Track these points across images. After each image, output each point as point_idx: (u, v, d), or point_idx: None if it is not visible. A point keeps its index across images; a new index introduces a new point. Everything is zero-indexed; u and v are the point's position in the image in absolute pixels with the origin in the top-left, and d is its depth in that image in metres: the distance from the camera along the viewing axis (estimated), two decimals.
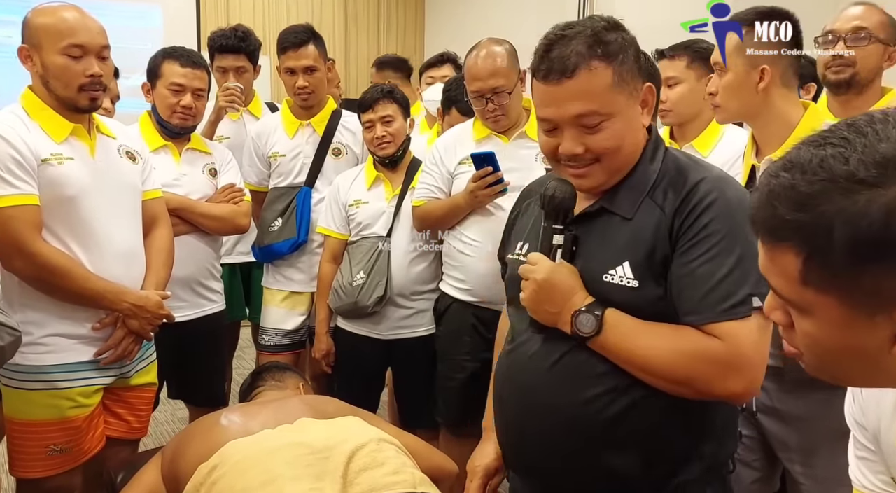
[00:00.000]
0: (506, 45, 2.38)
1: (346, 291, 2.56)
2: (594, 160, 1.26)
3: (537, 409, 1.31)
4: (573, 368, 1.27)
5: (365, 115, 2.59)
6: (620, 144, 1.26)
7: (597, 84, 1.22)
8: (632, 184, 1.30)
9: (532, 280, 1.28)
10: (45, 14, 1.91)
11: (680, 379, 1.22)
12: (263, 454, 1.46)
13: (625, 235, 1.27)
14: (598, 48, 1.21)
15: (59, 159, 1.88)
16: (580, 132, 1.24)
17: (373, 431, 1.59)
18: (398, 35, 7.10)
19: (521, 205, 1.53)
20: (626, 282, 1.24)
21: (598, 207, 1.30)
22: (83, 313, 1.96)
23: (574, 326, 1.24)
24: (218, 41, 3.01)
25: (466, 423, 2.56)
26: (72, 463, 1.97)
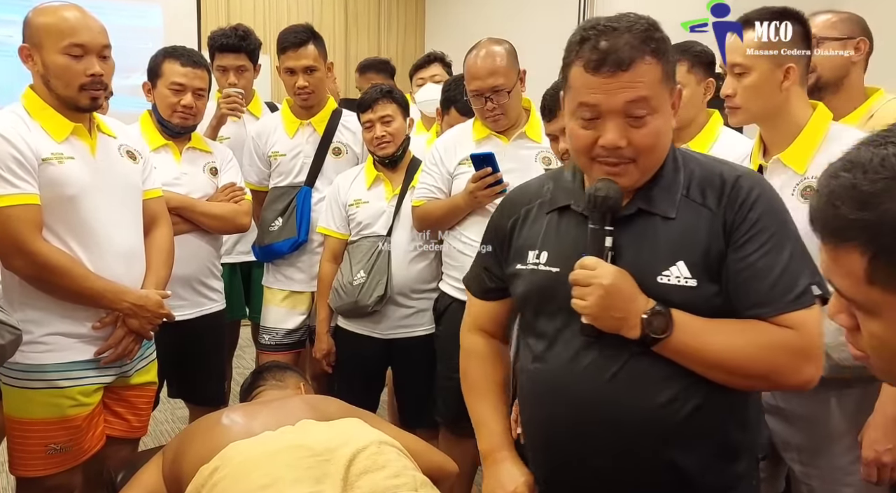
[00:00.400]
0: (505, 44, 2.38)
1: (346, 290, 2.56)
2: (631, 159, 1.24)
3: (602, 421, 1.27)
4: (638, 375, 1.25)
5: (364, 115, 2.59)
6: (658, 142, 1.25)
7: (651, 77, 1.21)
8: (664, 184, 1.29)
9: (598, 286, 1.22)
10: (46, 14, 1.91)
11: (759, 373, 1.22)
12: (264, 457, 1.47)
13: (671, 234, 1.25)
14: (650, 44, 1.21)
15: (59, 159, 1.89)
16: (625, 124, 1.22)
17: (374, 433, 1.59)
18: (398, 35, 7.10)
19: (517, 211, 1.46)
20: (684, 281, 1.23)
21: (636, 209, 1.28)
22: (83, 312, 1.96)
23: (645, 329, 1.21)
24: (218, 40, 3.01)
25: (466, 422, 2.57)
26: (72, 462, 1.97)
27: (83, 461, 2.00)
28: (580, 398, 1.28)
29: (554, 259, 1.33)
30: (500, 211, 1.52)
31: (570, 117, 1.28)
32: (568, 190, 1.38)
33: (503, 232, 1.47)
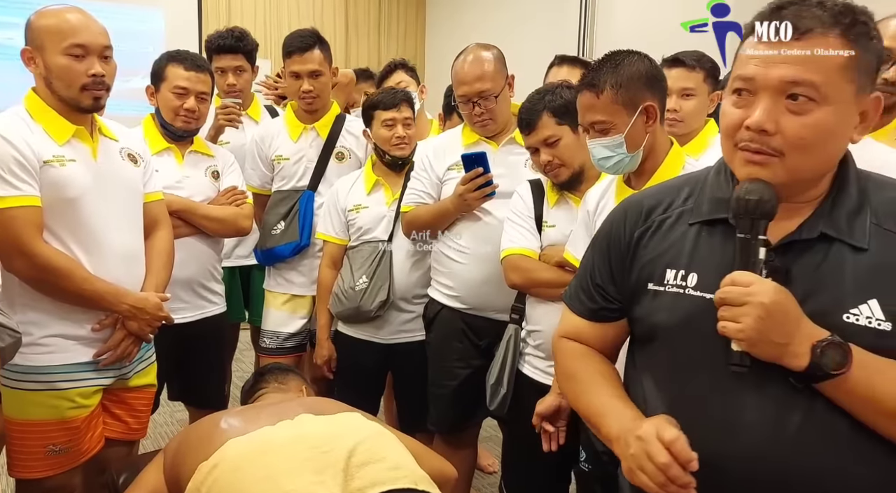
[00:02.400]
0: (493, 50, 2.39)
1: (347, 296, 2.56)
2: (777, 152, 1.05)
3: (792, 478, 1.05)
4: (822, 425, 1.04)
5: (388, 112, 2.59)
6: (821, 141, 1.04)
7: (827, 55, 1.01)
8: (849, 206, 1.09)
9: (756, 304, 1.02)
10: (47, 16, 1.92)
11: None
12: (263, 450, 1.46)
13: (862, 267, 1.05)
14: (845, 19, 1.02)
15: (61, 161, 1.89)
16: (780, 107, 1.03)
17: (372, 425, 1.59)
18: (398, 40, 7.12)
19: (647, 220, 1.25)
20: (876, 324, 1.03)
21: (818, 234, 1.08)
22: (83, 314, 1.96)
23: (816, 360, 1.01)
24: (215, 42, 3.03)
25: (460, 431, 2.57)
26: (71, 463, 1.97)
27: (82, 463, 2.00)
28: (743, 454, 1.07)
29: (706, 283, 1.12)
30: (621, 217, 1.29)
31: (727, 95, 1.11)
32: (719, 200, 1.17)
33: (625, 242, 1.26)
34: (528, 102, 2.10)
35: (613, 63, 1.73)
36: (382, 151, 2.63)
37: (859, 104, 1.06)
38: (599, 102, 1.72)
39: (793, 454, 1.05)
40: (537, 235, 2.16)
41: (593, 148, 1.76)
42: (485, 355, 2.36)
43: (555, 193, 2.16)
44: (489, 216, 2.37)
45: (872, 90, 1.07)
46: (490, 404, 2.25)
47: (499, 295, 2.31)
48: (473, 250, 2.38)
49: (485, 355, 2.36)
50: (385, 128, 2.60)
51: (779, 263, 1.08)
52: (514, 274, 2.15)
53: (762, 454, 1.06)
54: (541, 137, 2.07)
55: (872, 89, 1.07)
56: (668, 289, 1.17)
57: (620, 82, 1.70)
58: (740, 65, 1.08)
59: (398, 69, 3.49)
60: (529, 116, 2.08)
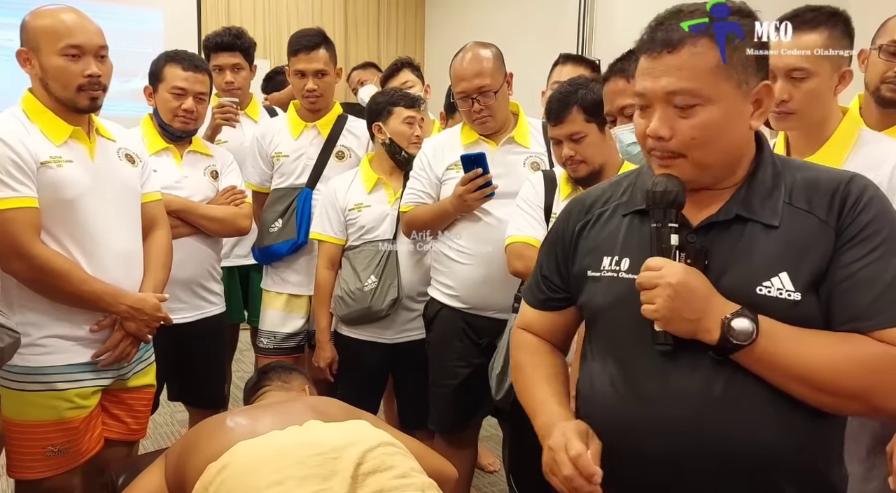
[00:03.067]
0: (492, 48, 2.39)
1: (355, 297, 2.54)
2: (678, 154, 1.15)
3: (700, 453, 1.13)
4: (741, 397, 1.12)
5: (409, 110, 2.61)
6: (713, 137, 1.13)
7: (699, 63, 1.11)
8: (763, 191, 1.17)
9: (665, 285, 1.11)
10: (42, 16, 1.92)
11: (853, 391, 1.07)
12: (273, 455, 1.46)
13: (774, 244, 1.13)
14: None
15: (58, 162, 1.89)
16: (671, 114, 1.14)
17: (381, 434, 1.58)
18: (398, 40, 7.12)
19: (588, 214, 1.35)
20: (787, 295, 1.11)
21: (733, 215, 1.17)
22: (81, 315, 1.96)
23: (725, 332, 1.09)
24: (213, 40, 3.05)
25: (461, 429, 2.56)
26: (70, 464, 1.97)
27: (81, 463, 2.00)
28: (672, 427, 1.14)
29: (636, 267, 1.19)
30: (565, 214, 1.40)
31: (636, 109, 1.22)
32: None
33: (568, 236, 1.36)
34: (560, 94, 2.08)
35: None
36: (398, 148, 2.62)
37: (747, 95, 1.14)
38: (630, 87, 1.71)
39: (716, 423, 1.12)
40: (544, 225, 2.16)
41: (622, 134, 1.76)
42: (485, 353, 2.36)
43: (568, 185, 2.16)
44: (489, 216, 2.37)
45: (763, 78, 1.16)
46: (496, 395, 2.25)
47: (499, 294, 2.32)
48: (473, 250, 2.38)
49: (485, 353, 2.36)
50: (406, 125, 2.61)
51: (699, 244, 1.17)
52: (517, 261, 2.16)
53: (690, 426, 1.13)
54: (567, 131, 2.05)
55: (762, 78, 1.16)
56: (604, 274, 1.27)
57: None
58: (636, 81, 1.19)
59: (405, 68, 3.50)
60: (559, 109, 2.06)
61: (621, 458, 1.19)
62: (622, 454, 1.19)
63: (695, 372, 1.14)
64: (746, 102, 1.14)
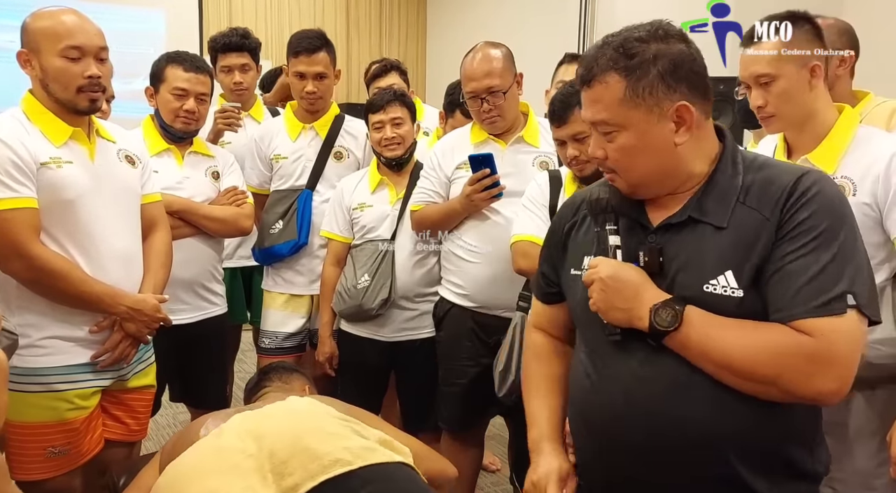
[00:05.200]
0: (502, 47, 2.40)
1: (350, 293, 2.56)
2: (612, 170, 1.28)
3: (661, 434, 1.22)
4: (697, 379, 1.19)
5: (375, 115, 2.60)
6: (632, 158, 1.24)
7: (608, 96, 1.22)
8: (718, 192, 1.24)
9: (598, 279, 1.24)
10: (42, 18, 1.92)
11: (765, 377, 1.14)
12: (190, 470, 1.47)
13: (722, 243, 1.21)
14: (620, 61, 1.21)
15: (58, 163, 1.89)
16: (600, 138, 1.27)
17: (304, 408, 1.57)
18: (400, 40, 7.12)
19: (575, 215, 1.44)
20: (730, 292, 1.18)
21: (686, 217, 1.25)
22: (80, 316, 1.96)
23: (652, 320, 1.19)
24: (221, 41, 3.04)
25: (468, 429, 2.58)
26: (70, 465, 1.97)
27: (82, 465, 2.00)
28: (637, 411, 1.24)
29: None
30: (559, 215, 1.52)
31: None
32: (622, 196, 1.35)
33: (559, 236, 1.46)
34: (562, 95, 2.09)
35: None
36: (377, 153, 2.65)
37: (663, 116, 1.21)
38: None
39: (669, 406, 1.21)
40: (549, 224, 2.16)
41: None
42: (493, 352, 2.36)
43: (574, 184, 2.17)
44: (498, 215, 2.38)
45: (682, 96, 1.21)
46: (499, 392, 2.26)
47: (507, 293, 2.33)
48: (482, 249, 2.40)
49: (493, 352, 2.36)
50: (374, 131, 2.61)
51: (656, 243, 1.26)
52: (522, 260, 2.17)
53: (645, 410, 1.23)
54: (571, 131, 2.06)
55: (679, 98, 1.21)
56: (583, 272, 1.34)
57: None
58: None
59: (393, 71, 3.49)
60: (562, 109, 2.07)
61: (591, 443, 1.34)
62: (591, 439, 1.33)
63: (648, 360, 1.23)
64: (664, 122, 1.22)
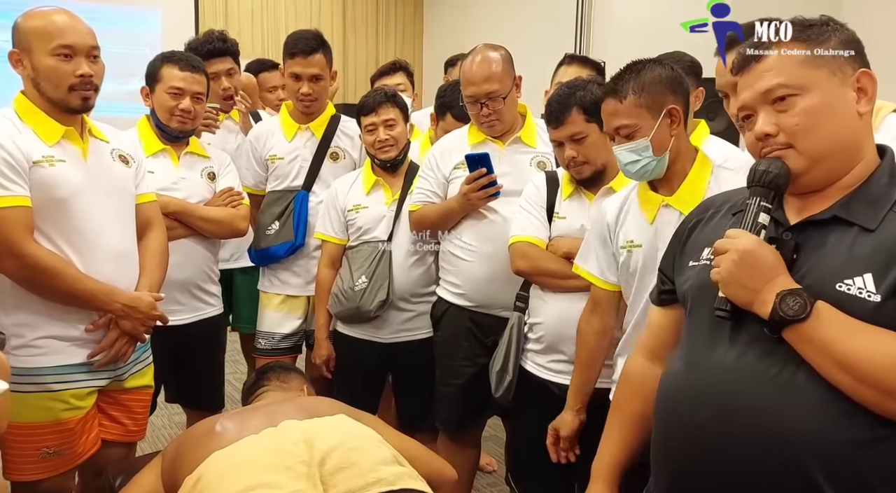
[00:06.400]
0: (501, 50, 2.39)
1: (347, 296, 2.55)
2: (788, 145, 1.17)
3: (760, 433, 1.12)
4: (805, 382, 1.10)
5: (367, 118, 2.58)
6: (816, 122, 1.15)
7: (786, 60, 1.17)
8: (871, 195, 1.16)
9: (733, 250, 1.16)
10: (34, 18, 1.92)
11: (893, 388, 1.05)
12: (243, 462, 1.47)
13: (867, 246, 1.12)
14: (795, 30, 1.18)
15: (50, 161, 1.89)
16: (772, 112, 1.18)
17: (349, 427, 1.58)
18: (397, 40, 7.13)
19: (703, 212, 1.40)
20: (867, 295, 1.08)
21: (831, 216, 1.17)
22: (76, 315, 1.96)
23: (777, 306, 1.10)
24: (204, 47, 2.95)
25: (466, 429, 2.57)
26: (65, 466, 1.96)
27: (77, 465, 1.99)
28: (727, 404, 1.16)
29: None
30: (689, 213, 1.45)
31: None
32: None
33: (682, 232, 1.41)
34: (559, 96, 2.09)
35: (635, 70, 1.77)
36: (371, 155, 2.64)
37: (844, 82, 1.16)
38: (623, 107, 1.75)
39: (768, 403, 1.12)
40: (547, 224, 2.18)
41: (619, 153, 1.77)
42: (490, 352, 2.36)
43: (570, 185, 2.17)
44: (495, 215, 2.39)
45: (860, 65, 1.18)
46: (495, 392, 2.26)
47: (505, 292, 2.33)
48: (480, 249, 2.40)
49: (490, 352, 2.36)
50: (367, 133, 2.60)
51: (792, 238, 1.18)
52: (520, 261, 2.17)
53: (741, 401, 1.14)
54: (568, 132, 2.06)
55: (859, 67, 1.17)
56: (700, 262, 1.30)
57: (643, 86, 1.74)
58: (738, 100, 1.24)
59: (400, 71, 3.47)
60: (559, 111, 2.06)
61: (672, 427, 1.26)
62: (673, 423, 1.25)
63: (753, 351, 1.16)
64: (846, 89, 1.16)
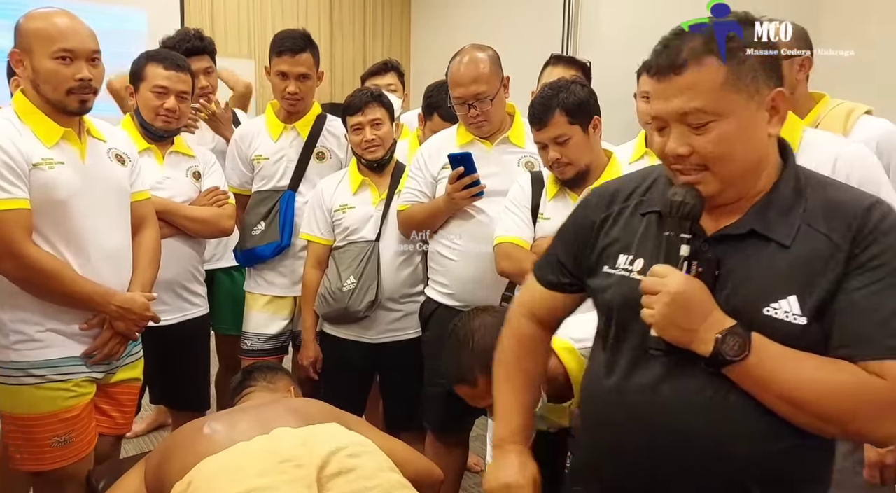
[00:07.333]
0: (489, 51, 2.39)
1: (335, 296, 2.54)
2: (702, 167, 1.15)
3: (687, 453, 1.17)
4: (731, 403, 1.14)
5: (353, 118, 2.57)
6: (731, 150, 1.13)
7: (705, 80, 1.11)
8: (782, 207, 1.17)
9: (664, 293, 1.13)
10: (36, 19, 1.92)
11: (834, 416, 1.09)
12: (236, 467, 1.47)
13: (785, 264, 1.13)
14: (714, 44, 1.11)
15: (49, 164, 1.90)
16: (686, 131, 1.14)
17: (347, 436, 1.59)
18: (384, 40, 7.12)
19: (608, 207, 1.35)
20: (793, 318, 1.11)
21: (748, 230, 1.17)
22: (71, 313, 1.98)
23: (718, 347, 1.11)
24: (181, 46, 2.90)
25: (453, 430, 2.57)
26: (76, 455, 1.99)
27: (88, 454, 2.02)
28: (664, 426, 1.18)
29: (648, 269, 1.21)
30: (586, 203, 1.41)
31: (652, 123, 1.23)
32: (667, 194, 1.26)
33: (588, 225, 1.36)
34: (542, 98, 2.10)
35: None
36: (357, 155, 2.63)
37: (760, 104, 1.13)
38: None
39: (700, 425, 1.16)
40: (531, 225, 2.19)
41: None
42: None
43: (555, 186, 2.19)
44: (483, 215, 2.39)
45: (777, 84, 1.15)
46: None
47: (492, 292, 2.34)
48: (467, 248, 2.40)
49: None
50: (353, 133, 2.59)
51: (712, 254, 1.17)
52: (504, 262, 2.19)
53: (676, 427, 1.17)
54: (551, 134, 2.08)
55: (774, 85, 1.15)
56: (618, 272, 1.28)
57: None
58: (650, 104, 1.20)
59: (391, 71, 3.46)
60: (542, 113, 2.08)
61: (604, 449, 1.28)
62: (605, 444, 1.27)
63: (687, 375, 1.17)
64: (761, 111, 1.14)
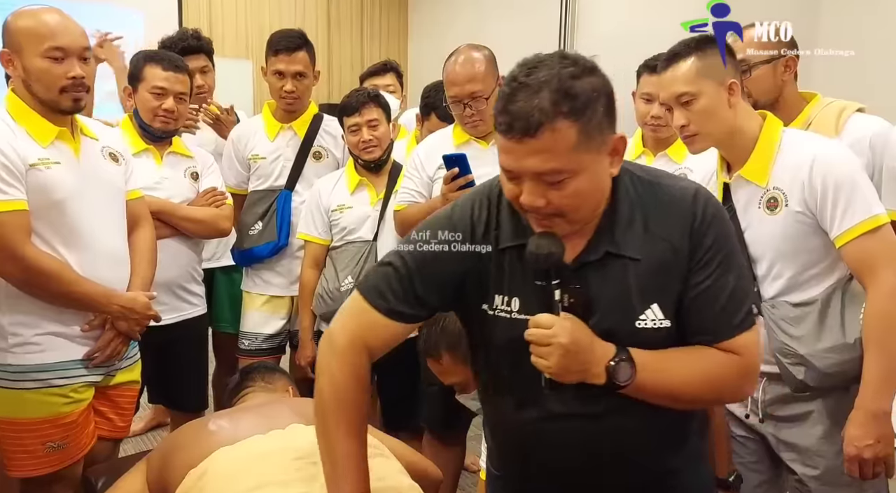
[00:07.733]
0: (484, 51, 2.39)
1: (333, 296, 2.54)
2: (556, 214, 1.18)
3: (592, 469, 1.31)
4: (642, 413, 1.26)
5: (350, 118, 2.58)
6: (584, 200, 1.19)
7: (560, 144, 1.11)
8: (623, 220, 1.24)
9: (556, 345, 1.16)
10: (25, 17, 1.91)
11: (710, 399, 1.34)
12: (254, 459, 1.47)
13: (641, 276, 1.22)
14: (563, 104, 1.10)
15: (45, 164, 1.89)
16: (541, 186, 1.15)
17: (377, 442, 1.58)
18: (381, 40, 7.12)
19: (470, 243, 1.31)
20: (659, 324, 1.23)
21: (603, 253, 1.23)
22: (72, 314, 1.97)
23: (611, 377, 1.19)
24: (178, 45, 2.92)
25: (451, 428, 2.57)
26: (70, 459, 1.98)
27: (81, 458, 2.01)
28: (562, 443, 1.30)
29: (526, 306, 1.25)
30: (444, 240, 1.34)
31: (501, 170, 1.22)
32: (519, 226, 1.27)
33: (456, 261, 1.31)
34: None
35: None
36: (354, 155, 2.64)
37: (605, 151, 1.18)
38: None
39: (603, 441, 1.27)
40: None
41: None
42: None
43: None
44: None
45: (613, 130, 1.18)
46: None
47: None
48: None
49: None
50: (350, 134, 2.59)
51: (578, 284, 1.21)
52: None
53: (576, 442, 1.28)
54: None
55: (613, 130, 1.18)
56: (498, 313, 1.29)
57: None
58: (499, 152, 1.19)
59: (391, 72, 3.47)
60: None
61: (524, 475, 1.39)
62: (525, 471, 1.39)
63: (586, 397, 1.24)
64: (605, 156, 1.19)
